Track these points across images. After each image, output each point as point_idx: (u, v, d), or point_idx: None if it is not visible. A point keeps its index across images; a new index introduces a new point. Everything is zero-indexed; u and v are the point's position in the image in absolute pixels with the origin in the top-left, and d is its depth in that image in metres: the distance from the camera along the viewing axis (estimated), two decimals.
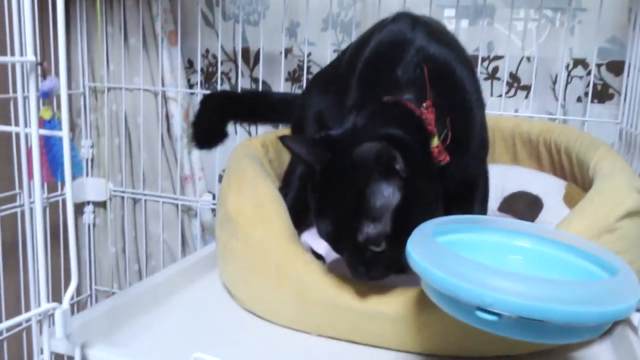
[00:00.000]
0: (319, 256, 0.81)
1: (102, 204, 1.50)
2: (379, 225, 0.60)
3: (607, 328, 0.50)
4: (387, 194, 0.60)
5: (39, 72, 1.05)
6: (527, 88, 1.18)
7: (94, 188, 1.47)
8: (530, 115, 1.13)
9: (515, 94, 1.19)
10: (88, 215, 1.50)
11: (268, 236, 0.75)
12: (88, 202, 1.49)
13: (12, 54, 0.50)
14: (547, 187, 0.91)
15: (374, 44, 0.74)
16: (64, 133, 0.53)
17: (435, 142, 0.66)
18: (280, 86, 1.29)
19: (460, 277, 0.48)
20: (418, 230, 0.57)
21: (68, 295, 0.55)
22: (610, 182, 0.75)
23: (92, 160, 1.47)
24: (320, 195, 0.64)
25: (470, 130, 0.71)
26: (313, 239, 0.84)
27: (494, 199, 0.94)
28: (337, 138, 0.65)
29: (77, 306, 1.50)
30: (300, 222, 0.83)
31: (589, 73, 1.12)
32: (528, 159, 1.04)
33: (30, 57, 0.49)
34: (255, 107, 1.09)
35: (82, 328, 0.66)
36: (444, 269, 0.50)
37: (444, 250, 0.52)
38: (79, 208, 1.49)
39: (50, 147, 0.92)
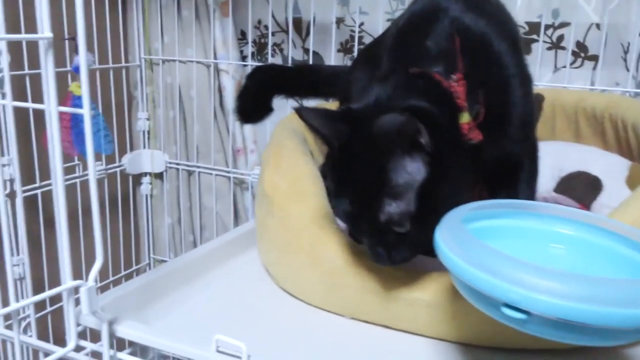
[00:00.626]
0: (356, 237, 0.78)
1: (159, 176, 1.53)
2: (402, 203, 0.56)
3: None
4: (411, 170, 0.55)
5: (72, 47, 1.06)
6: (595, 58, 1.09)
7: (151, 159, 1.50)
8: (597, 88, 1.04)
9: (582, 64, 1.10)
10: (145, 186, 1.53)
11: (303, 214, 0.73)
12: (146, 174, 1.52)
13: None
14: (609, 167, 0.84)
15: (407, 15, 0.70)
16: (85, 110, 0.52)
17: (466, 117, 0.60)
18: (332, 57, 1.25)
19: (486, 270, 0.44)
20: (449, 215, 0.53)
21: (93, 274, 0.56)
22: None
23: (148, 133, 1.50)
24: (339, 174, 0.60)
25: (508, 107, 0.65)
26: None
27: (551, 179, 0.88)
28: (357, 111, 0.60)
29: (136, 274, 1.55)
30: None
31: None
32: (592, 136, 0.96)
33: (47, 34, 0.48)
34: (303, 81, 1.06)
35: (114, 303, 0.67)
36: (470, 260, 0.46)
37: (472, 239, 0.48)
38: (136, 179, 1.53)
39: (76, 122, 0.93)
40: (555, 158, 0.90)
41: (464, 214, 0.52)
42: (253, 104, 1.02)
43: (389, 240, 0.59)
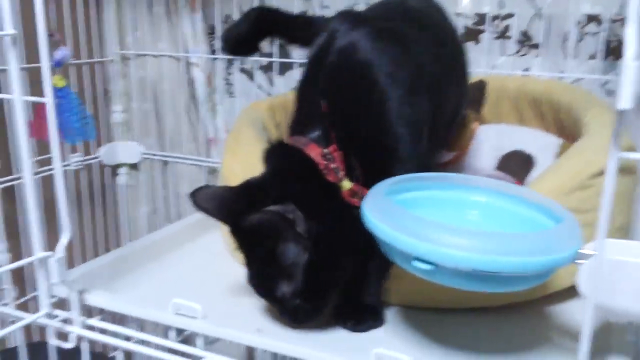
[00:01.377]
0: None
1: (134, 166, 1.59)
2: (292, 283, 0.61)
3: (548, 276, 0.53)
4: (294, 254, 0.61)
5: (51, 42, 1.11)
6: (538, 46, 1.16)
7: (126, 151, 1.55)
8: (539, 75, 1.12)
9: (527, 52, 1.17)
10: (122, 177, 1.59)
11: None
12: (121, 165, 1.58)
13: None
14: (543, 146, 0.91)
15: (310, 53, 0.72)
16: (48, 100, 0.59)
17: (346, 185, 0.63)
18: (295, 51, 1.31)
19: (400, 230, 0.51)
20: (373, 189, 0.59)
21: (61, 245, 0.62)
22: (592, 140, 0.76)
23: (124, 125, 1.55)
24: (242, 248, 0.64)
25: (389, 151, 0.65)
26: None
27: (493, 158, 0.95)
28: (243, 195, 0.64)
29: None
30: None
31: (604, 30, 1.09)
32: (533, 119, 1.04)
33: (10, 31, 0.54)
34: (296, 30, 0.97)
35: (85, 276, 0.73)
36: (388, 223, 0.53)
37: (392, 207, 0.55)
38: (113, 170, 1.58)
39: (60, 113, 0.99)
40: (497, 139, 0.97)
41: (386, 187, 0.59)
42: (243, 38, 0.94)
43: (289, 308, 0.63)
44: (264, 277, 0.63)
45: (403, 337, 0.64)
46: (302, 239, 0.60)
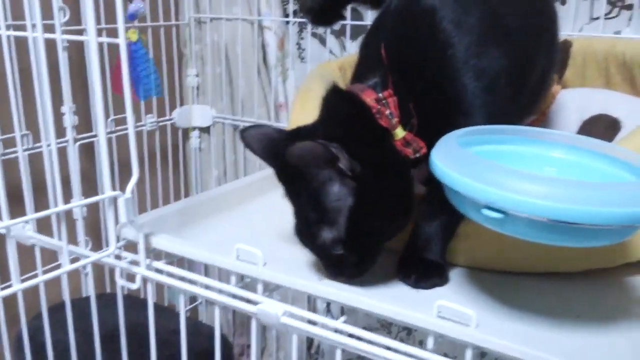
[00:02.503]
0: None
1: (206, 130, 1.62)
2: (334, 230, 0.59)
3: (629, 234, 0.48)
4: (338, 196, 0.58)
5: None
6: (631, 8, 1.07)
7: (199, 114, 1.58)
8: (628, 37, 1.04)
9: (618, 14, 1.09)
10: (194, 140, 1.62)
11: None
12: (194, 128, 1.61)
13: None
14: (631, 110, 0.84)
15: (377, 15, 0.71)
16: (121, 41, 0.59)
17: (399, 134, 0.61)
18: (370, 16, 1.28)
19: (470, 176, 0.49)
20: (444, 138, 0.56)
21: (130, 186, 0.63)
22: None
23: (197, 88, 1.58)
24: (287, 192, 0.64)
25: (454, 104, 0.61)
26: None
27: (574, 122, 0.89)
28: (291, 136, 0.63)
29: None
30: None
31: None
32: (621, 83, 0.96)
33: None
34: None
35: (153, 222, 0.74)
36: (458, 170, 0.50)
37: (461, 154, 0.52)
38: (185, 133, 1.62)
39: (133, 67, 1.01)
40: (580, 103, 0.91)
41: (457, 138, 0.56)
42: (327, 5, 0.91)
43: (334, 261, 0.61)
44: (306, 224, 0.61)
45: (467, 296, 0.61)
46: (346, 177, 0.58)
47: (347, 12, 1.27)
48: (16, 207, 0.75)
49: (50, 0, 0.62)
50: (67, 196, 0.67)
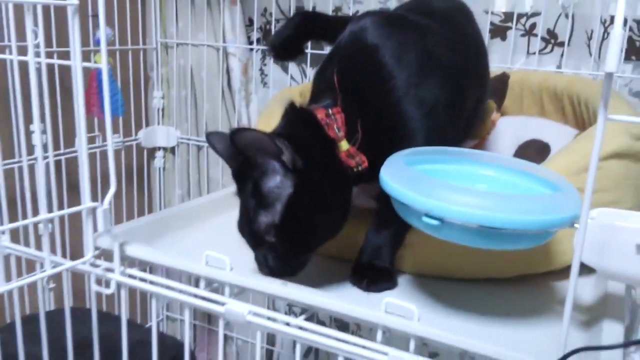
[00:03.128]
0: None
1: (171, 150, 1.67)
2: (270, 215, 0.65)
3: (547, 238, 0.57)
4: (278, 184, 0.65)
5: (95, 24, 1.20)
6: (563, 44, 1.20)
7: (164, 135, 1.64)
8: (563, 71, 1.16)
9: (552, 50, 1.21)
10: (159, 160, 1.67)
11: None
12: (159, 148, 1.66)
13: None
14: (559, 136, 0.95)
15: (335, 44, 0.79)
16: (103, 66, 0.66)
17: (344, 146, 0.68)
18: None
19: (412, 189, 0.57)
20: (391, 158, 0.64)
21: (107, 198, 0.69)
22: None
23: (162, 110, 1.64)
24: (238, 190, 0.71)
25: (396, 127, 0.70)
26: None
27: (510, 146, 0.99)
28: None
29: None
30: None
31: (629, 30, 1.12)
32: (554, 112, 1.07)
33: (74, 1, 0.62)
34: (335, 30, 1.07)
35: (128, 232, 0.80)
36: (402, 184, 0.58)
37: (406, 171, 0.60)
38: (150, 152, 1.67)
39: (100, 88, 1.07)
40: (516, 129, 1.01)
41: (403, 157, 0.64)
42: (289, 43, 1.00)
43: (265, 251, 0.67)
44: (246, 212, 0.67)
45: (412, 297, 0.69)
46: (288, 171, 0.65)
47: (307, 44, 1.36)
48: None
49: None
50: (35, 210, 0.72)
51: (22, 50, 0.68)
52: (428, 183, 0.57)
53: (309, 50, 1.37)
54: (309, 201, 0.66)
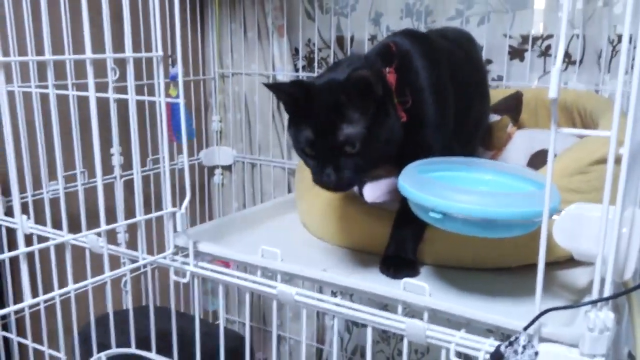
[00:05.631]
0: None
1: (228, 168, 1.87)
2: (357, 127, 0.78)
3: (533, 227, 0.71)
4: (366, 106, 0.78)
5: (170, 61, 1.41)
6: (575, 63, 1.32)
7: (222, 155, 1.83)
8: (575, 87, 1.28)
9: (566, 68, 1.33)
10: (218, 177, 1.87)
11: None
12: (218, 166, 1.86)
13: (150, 49, 0.82)
14: (565, 145, 1.07)
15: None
16: (181, 100, 0.84)
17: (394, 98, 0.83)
18: None
19: (422, 190, 0.72)
20: (406, 169, 0.79)
21: (184, 204, 0.87)
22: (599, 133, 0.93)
23: (220, 132, 1.84)
24: (303, 114, 0.81)
25: (423, 114, 0.86)
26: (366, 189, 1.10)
27: (524, 157, 1.12)
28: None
29: None
30: None
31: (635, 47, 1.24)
32: (565, 124, 1.20)
33: (159, 52, 0.80)
34: None
35: (198, 233, 0.98)
36: (416, 187, 0.74)
37: (419, 177, 0.75)
38: (210, 171, 1.87)
39: (173, 116, 1.26)
40: (529, 141, 1.14)
41: (417, 167, 0.80)
42: None
43: (339, 162, 0.79)
44: (327, 126, 0.78)
45: (430, 281, 0.83)
46: (374, 99, 0.79)
47: None
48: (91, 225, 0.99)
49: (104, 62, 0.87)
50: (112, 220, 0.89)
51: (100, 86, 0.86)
52: (433, 186, 0.72)
53: None
54: (382, 124, 0.79)
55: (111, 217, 0.89)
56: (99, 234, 0.91)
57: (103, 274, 0.90)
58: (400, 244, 0.87)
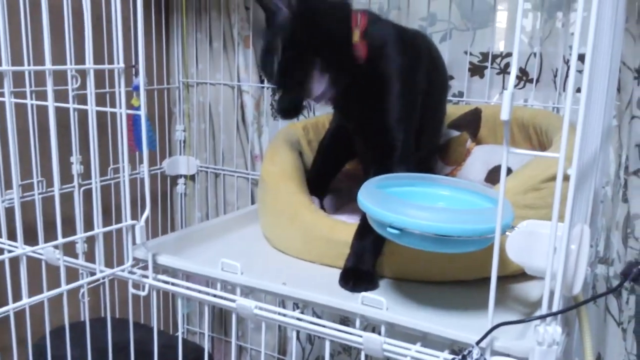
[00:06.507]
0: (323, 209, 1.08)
1: (191, 177, 1.85)
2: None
3: (487, 243, 0.73)
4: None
5: (133, 71, 1.40)
6: (532, 81, 1.36)
7: (185, 164, 1.82)
8: (532, 104, 1.32)
9: (524, 86, 1.37)
10: (181, 186, 1.86)
11: (288, 190, 1.02)
12: (181, 176, 1.85)
13: (111, 61, 0.82)
14: (521, 161, 1.11)
15: None
16: (142, 112, 0.84)
17: (356, 36, 0.90)
18: None
19: (380, 206, 0.73)
20: (366, 183, 0.81)
21: (144, 216, 0.86)
22: (551, 150, 0.96)
23: (184, 142, 1.83)
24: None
25: (387, 101, 0.92)
26: (327, 201, 1.12)
27: (482, 172, 1.15)
28: None
29: None
30: (320, 187, 1.11)
31: None
32: (523, 141, 1.23)
33: (121, 64, 0.80)
34: None
35: (158, 245, 0.97)
36: (374, 203, 0.75)
37: (377, 193, 0.77)
38: (173, 180, 1.85)
39: (135, 127, 1.26)
40: (487, 157, 1.17)
41: (376, 182, 0.81)
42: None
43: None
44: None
45: (388, 295, 0.85)
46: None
47: None
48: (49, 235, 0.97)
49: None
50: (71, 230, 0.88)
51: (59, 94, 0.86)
52: (391, 201, 0.73)
53: None
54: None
55: (70, 227, 0.87)
56: (56, 246, 0.89)
57: (60, 285, 0.89)
58: (360, 257, 0.88)
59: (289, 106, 0.90)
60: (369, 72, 0.92)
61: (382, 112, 0.93)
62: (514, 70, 0.59)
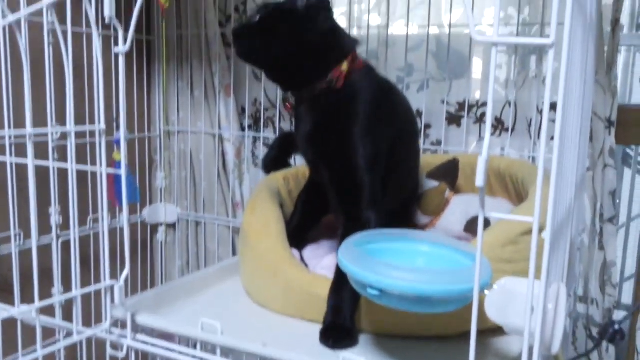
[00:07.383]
0: (305, 263, 1.08)
1: (172, 226, 1.84)
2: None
3: (466, 302, 0.73)
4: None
5: (114, 125, 1.40)
6: (508, 130, 1.39)
7: (166, 212, 1.81)
8: (508, 153, 1.35)
9: (500, 135, 1.40)
10: (161, 234, 1.84)
11: (269, 245, 1.02)
12: (161, 224, 1.83)
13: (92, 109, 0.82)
14: (499, 212, 1.12)
15: None
16: (122, 171, 0.84)
17: (345, 66, 0.96)
18: None
19: (359, 267, 0.74)
20: (346, 241, 0.81)
21: (123, 276, 0.86)
22: (527, 204, 0.97)
23: (164, 189, 1.82)
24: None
25: (352, 149, 0.95)
26: (306, 252, 1.12)
27: (460, 222, 1.17)
28: None
29: None
30: (299, 239, 1.11)
31: None
32: (500, 190, 1.26)
33: (102, 125, 0.80)
34: None
35: (138, 303, 0.96)
36: (354, 263, 0.75)
37: (357, 252, 0.77)
38: (154, 228, 1.84)
39: (116, 181, 1.25)
40: (466, 206, 1.19)
41: (356, 240, 0.82)
42: (276, 160, 1.26)
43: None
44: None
45: (369, 353, 0.85)
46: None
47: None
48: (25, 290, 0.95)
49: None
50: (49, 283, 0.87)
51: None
52: (370, 262, 0.74)
53: None
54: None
55: (48, 279, 0.87)
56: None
57: (36, 343, 0.87)
58: (338, 312, 0.88)
59: (270, 164, 0.90)
60: (339, 101, 0.96)
61: (349, 148, 0.95)
62: (487, 136, 0.61)
